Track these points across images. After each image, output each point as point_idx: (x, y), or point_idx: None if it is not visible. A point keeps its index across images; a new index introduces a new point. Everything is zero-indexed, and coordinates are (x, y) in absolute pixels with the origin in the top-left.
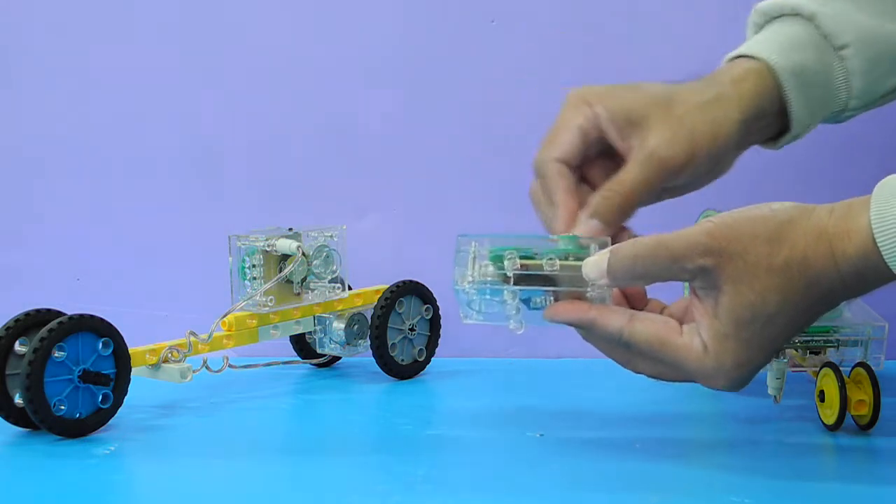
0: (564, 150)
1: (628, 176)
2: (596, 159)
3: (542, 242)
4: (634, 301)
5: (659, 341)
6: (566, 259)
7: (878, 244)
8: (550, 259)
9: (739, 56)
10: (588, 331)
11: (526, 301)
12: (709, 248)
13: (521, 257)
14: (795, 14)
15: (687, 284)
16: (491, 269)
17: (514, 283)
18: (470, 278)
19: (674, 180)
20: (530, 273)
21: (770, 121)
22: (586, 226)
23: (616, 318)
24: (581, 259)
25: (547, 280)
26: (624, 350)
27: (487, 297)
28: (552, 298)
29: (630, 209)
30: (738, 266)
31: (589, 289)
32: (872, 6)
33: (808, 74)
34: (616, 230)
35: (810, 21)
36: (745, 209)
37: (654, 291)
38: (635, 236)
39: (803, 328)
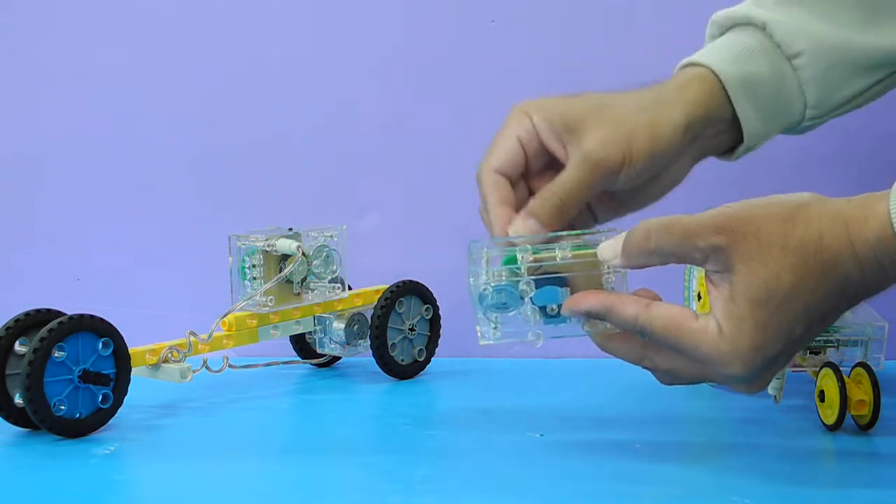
0: (501, 160)
1: (564, 177)
2: (543, 172)
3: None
4: None
5: (675, 325)
6: (579, 249)
7: None
8: (563, 249)
9: (688, 65)
10: (606, 316)
11: (542, 309)
12: (721, 227)
13: (535, 252)
14: (748, 24)
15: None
16: (505, 272)
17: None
18: (484, 278)
19: (612, 182)
20: (544, 264)
21: (722, 128)
22: (523, 225)
23: (632, 305)
24: (593, 250)
25: (561, 271)
26: (639, 347)
27: (503, 299)
28: (569, 292)
29: (567, 210)
30: (751, 245)
31: (605, 271)
32: (828, 15)
33: (759, 84)
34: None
35: (763, 30)
36: (760, 198)
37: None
38: None
39: (823, 322)
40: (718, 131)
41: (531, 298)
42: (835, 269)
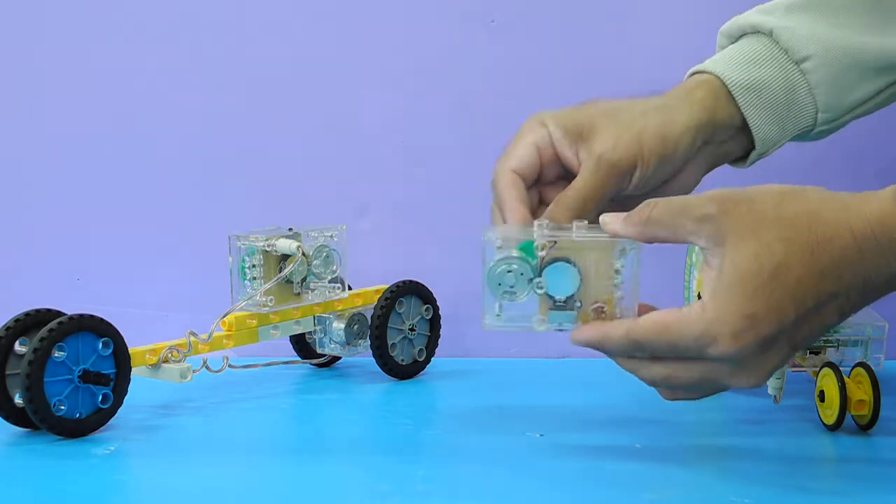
0: (518, 162)
1: (578, 182)
2: (555, 182)
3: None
4: None
5: (661, 322)
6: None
7: None
8: (579, 230)
9: (695, 73)
10: (603, 345)
11: (552, 298)
12: (715, 197)
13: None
14: (756, 32)
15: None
16: (517, 254)
17: (544, 260)
18: (498, 257)
19: (625, 185)
20: (560, 238)
21: (731, 134)
22: (539, 231)
23: (622, 324)
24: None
25: (573, 254)
26: (638, 359)
27: (512, 281)
28: (580, 277)
29: (583, 215)
30: (742, 214)
31: (616, 251)
32: (836, 21)
33: (766, 89)
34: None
35: (769, 36)
36: None
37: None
38: None
39: (817, 312)
40: (728, 137)
41: (543, 287)
42: (830, 245)
